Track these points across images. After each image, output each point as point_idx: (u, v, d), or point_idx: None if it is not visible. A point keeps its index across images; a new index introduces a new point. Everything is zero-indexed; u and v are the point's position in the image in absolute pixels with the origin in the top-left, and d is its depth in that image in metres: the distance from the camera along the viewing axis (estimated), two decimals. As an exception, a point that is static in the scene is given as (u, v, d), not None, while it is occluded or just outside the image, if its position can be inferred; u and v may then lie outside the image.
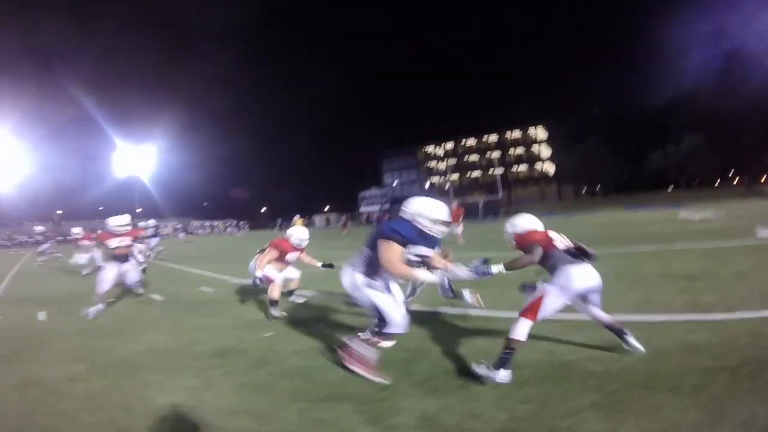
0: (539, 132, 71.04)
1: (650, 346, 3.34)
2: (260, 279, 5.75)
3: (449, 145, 78.22)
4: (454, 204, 16.97)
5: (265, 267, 5.79)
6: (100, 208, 57.31)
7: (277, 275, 5.92)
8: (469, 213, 41.11)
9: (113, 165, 49.99)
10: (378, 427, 2.53)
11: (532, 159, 72.59)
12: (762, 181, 50.26)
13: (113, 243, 6.69)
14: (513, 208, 52.83)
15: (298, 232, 6.08)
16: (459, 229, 15.45)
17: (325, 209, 77.26)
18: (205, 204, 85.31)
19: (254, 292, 7.10)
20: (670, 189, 56.34)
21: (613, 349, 3.38)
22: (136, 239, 7.07)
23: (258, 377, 3.54)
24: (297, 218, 30.89)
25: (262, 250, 6.02)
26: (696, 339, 3.51)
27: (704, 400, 2.50)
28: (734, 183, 56.84)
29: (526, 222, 3.66)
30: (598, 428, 2.33)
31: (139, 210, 50.58)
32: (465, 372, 3.23)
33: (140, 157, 50.19)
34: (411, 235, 3.14)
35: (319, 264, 6.10)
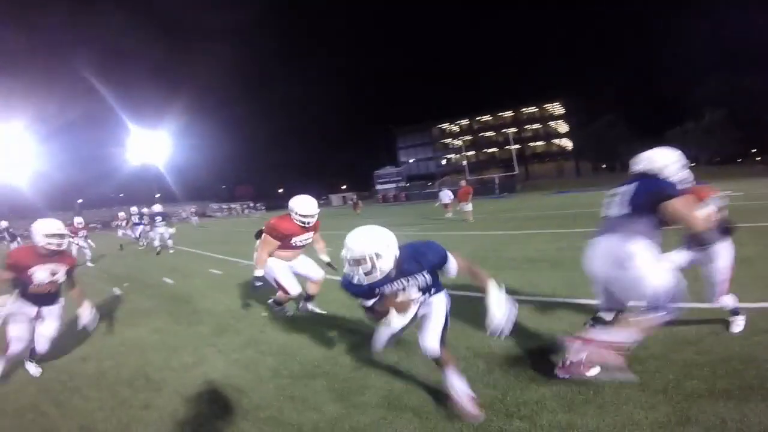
0: (556, 108, 69.48)
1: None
2: (260, 281, 4.25)
3: (464, 122, 77.00)
4: (463, 183, 17.07)
5: (265, 262, 4.25)
6: (120, 195, 58.81)
7: (289, 278, 4.39)
8: (485, 190, 41.20)
9: (130, 152, 50.79)
10: (344, 404, 2.75)
11: (549, 135, 71.10)
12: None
13: (39, 275, 3.72)
14: (530, 183, 52.31)
15: (299, 203, 4.24)
16: (468, 206, 15.63)
17: (342, 188, 77.87)
18: (224, 187, 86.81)
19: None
20: (690, 165, 54.50)
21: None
22: (71, 267, 4.02)
23: (247, 355, 3.82)
24: None
25: (260, 233, 4.47)
26: (683, 329, 3.29)
27: (675, 399, 2.39)
28: (756, 161, 54.66)
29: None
30: (556, 419, 2.33)
31: (157, 195, 51.68)
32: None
33: (157, 142, 50.87)
34: None
35: (327, 258, 4.74)
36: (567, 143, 69.48)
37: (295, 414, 2.68)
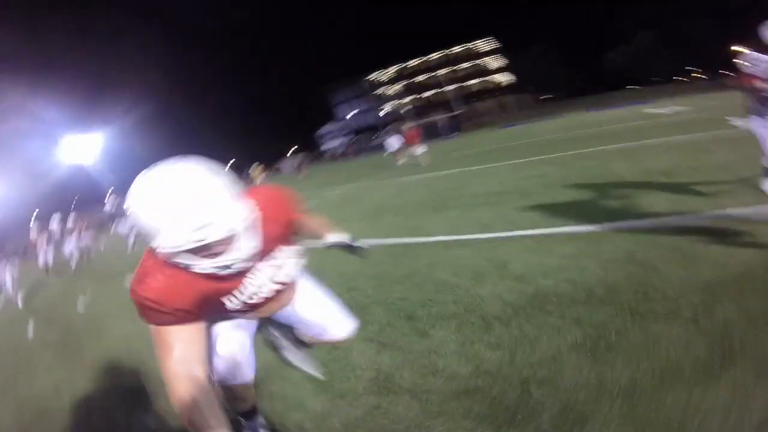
0: (484, 45, 68.79)
1: (636, 257, 3.00)
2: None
3: (394, 70, 74.32)
4: (408, 127, 16.65)
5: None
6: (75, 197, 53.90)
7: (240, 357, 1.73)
8: (432, 133, 40.68)
9: (67, 157, 45.90)
10: (328, 395, 2.30)
11: (482, 72, 70.68)
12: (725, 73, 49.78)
13: None
14: (475, 122, 52.36)
15: (151, 207, 1.13)
16: (419, 149, 15.27)
17: (290, 153, 74.95)
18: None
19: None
20: (629, 87, 55.83)
21: (596, 264, 3.05)
22: None
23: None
24: (255, 167, 28.52)
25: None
26: (690, 245, 3.02)
27: (709, 326, 2.06)
28: (695, 77, 56.02)
29: None
30: (582, 376, 1.92)
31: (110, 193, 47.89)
32: (426, 314, 2.97)
33: (92, 144, 46.08)
34: None
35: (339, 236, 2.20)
36: (502, 78, 69.57)
37: (275, 416, 2.21)
